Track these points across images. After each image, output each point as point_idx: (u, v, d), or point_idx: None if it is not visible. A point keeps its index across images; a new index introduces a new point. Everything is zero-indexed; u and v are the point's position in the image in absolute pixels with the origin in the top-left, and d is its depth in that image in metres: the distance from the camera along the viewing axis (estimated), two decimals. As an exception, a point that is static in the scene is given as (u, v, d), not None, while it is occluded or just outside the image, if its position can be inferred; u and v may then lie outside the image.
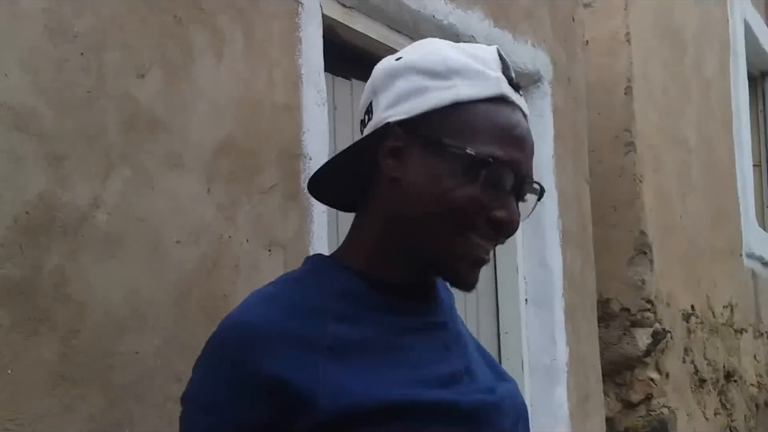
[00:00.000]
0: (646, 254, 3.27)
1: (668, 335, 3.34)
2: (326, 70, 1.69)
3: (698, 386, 3.65)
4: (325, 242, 1.61)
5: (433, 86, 0.92)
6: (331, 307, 0.91)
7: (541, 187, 0.96)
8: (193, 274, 1.34)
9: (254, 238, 1.47)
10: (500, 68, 0.94)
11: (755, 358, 4.50)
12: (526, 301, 2.47)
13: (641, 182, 3.30)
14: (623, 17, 3.32)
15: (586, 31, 3.11)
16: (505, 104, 0.93)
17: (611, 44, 3.33)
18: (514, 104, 0.94)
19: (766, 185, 5.41)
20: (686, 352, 3.56)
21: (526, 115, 0.96)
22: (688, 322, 3.61)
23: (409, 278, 0.96)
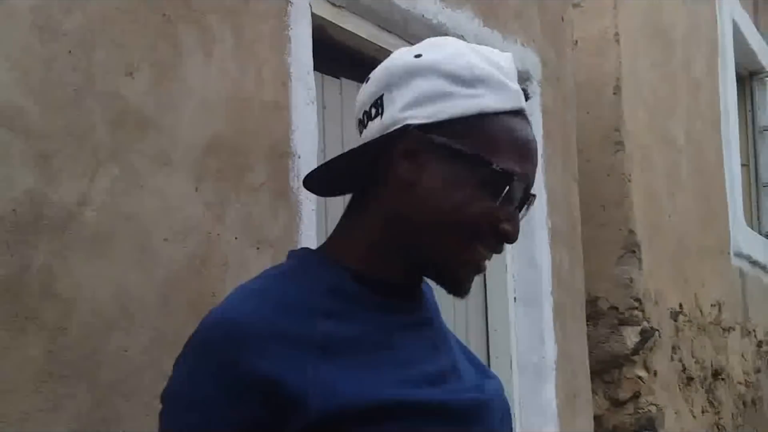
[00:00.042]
0: (634, 253, 3.29)
1: (656, 333, 3.35)
2: (315, 68, 1.69)
3: (686, 384, 3.67)
4: (314, 240, 1.61)
5: (457, 93, 0.91)
6: (320, 303, 0.89)
7: (533, 195, 0.97)
8: (181, 272, 1.34)
9: (243, 236, 1.47)
10: (516, 79, 0.94)
11: (743, 356, 4.53)
12: (514, 299, 2.48)
13: (630, 181, 3.31)
14: (612, 17, 3.34)
15: (575, 30, 3.12)
16: (520, 117, 0.93)
17: (600, 44, 3.34)
18: (527, 118, 0.95)
19: (754, 185, 5.43)
20: (674, 350, 3.58)
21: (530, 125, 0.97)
22: (676, 320, 3.63)
23: (401, 278, 0.96)
